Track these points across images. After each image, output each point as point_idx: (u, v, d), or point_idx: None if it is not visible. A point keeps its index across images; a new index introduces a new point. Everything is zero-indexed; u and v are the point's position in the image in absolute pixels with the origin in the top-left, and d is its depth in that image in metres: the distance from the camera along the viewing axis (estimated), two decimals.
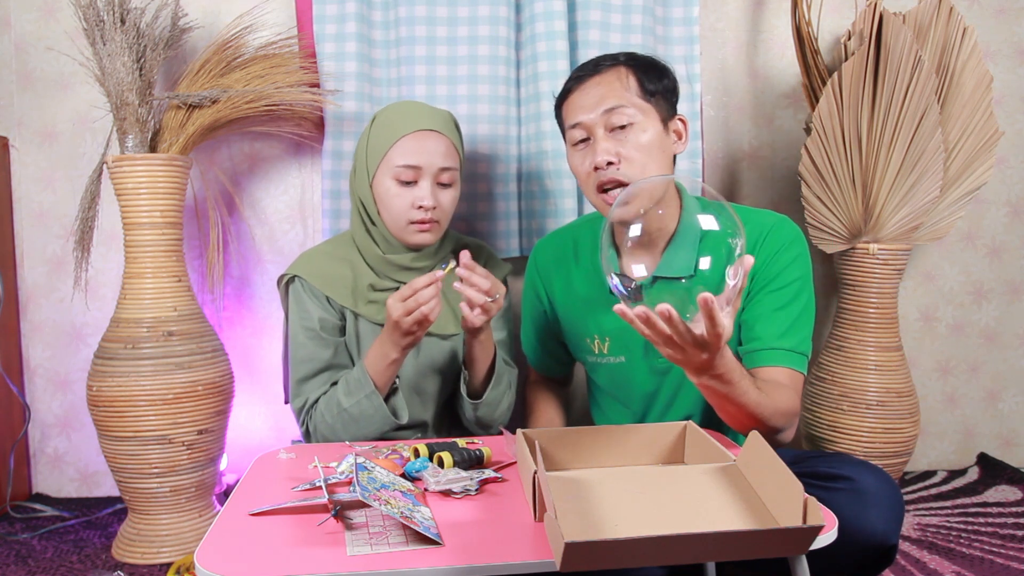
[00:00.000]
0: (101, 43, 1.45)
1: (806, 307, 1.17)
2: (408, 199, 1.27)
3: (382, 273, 1.34)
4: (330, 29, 1.66)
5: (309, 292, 1.31)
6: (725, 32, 1.86)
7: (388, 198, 1.28)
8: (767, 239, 1.18)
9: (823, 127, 1.58)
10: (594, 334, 1.30)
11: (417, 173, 1.27)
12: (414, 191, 1.27)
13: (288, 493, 0.91)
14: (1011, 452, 2.01)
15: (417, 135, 1.27)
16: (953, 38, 1.60)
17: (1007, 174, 1.94)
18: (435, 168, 1.27)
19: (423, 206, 1.26)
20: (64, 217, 1.76)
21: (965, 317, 1.98)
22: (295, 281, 1.33)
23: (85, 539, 1.57)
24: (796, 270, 1.17)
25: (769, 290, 1.17)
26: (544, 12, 1.65)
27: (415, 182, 1.27)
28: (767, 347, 1.14)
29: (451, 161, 1.30)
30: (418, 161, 1.26)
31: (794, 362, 1.14)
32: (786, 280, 1.16)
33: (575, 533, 0.72)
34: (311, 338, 1.29)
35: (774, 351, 1.14)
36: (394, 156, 1.27)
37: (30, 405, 1.77)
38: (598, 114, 1.16)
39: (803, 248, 1.20)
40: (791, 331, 1.15)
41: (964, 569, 1.39)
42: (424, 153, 1.27)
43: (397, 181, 1.27)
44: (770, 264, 1.17)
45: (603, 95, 1.17)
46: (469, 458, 0.98)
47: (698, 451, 0.96)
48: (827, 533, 0.75)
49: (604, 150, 1.15)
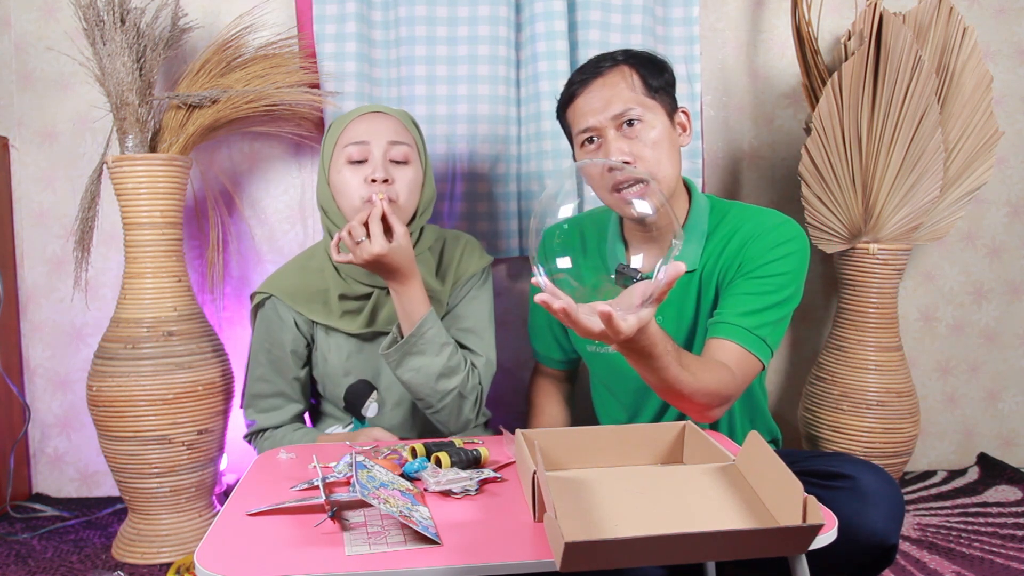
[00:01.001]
0: (101, 43, 1.45)
1: (783, 302, 1.16)
2: (360, 177, 1.23)
3: (352, 279, 1.30)
4: (330, 29, 1.66)
5: (278, 315, 1.31)
6: (725, 32, 1.86)
7: (342, 184, 1.24)
8: (765, 233, 1.19)
9: (823, 127, 1.58)
10: None
11: (365, 149, 1.23)
12: (364, 169, 1.23)
13: (287, 493, 0.91)
14: (1011, 452, 2.01)
15: (364, 116, 1.27)
16: (953, 38, 1.60)
17: (1007, 174, 1.94)
18: (383, 142, 1.24)
19: (375, 179, 1.21)
20: (64, 217, 1.76)
21: (965, 317, 1.98)
22: (265, 304, 1.33)
23: (85, 539, 1.57)
24: (784, 266, 1.17)
25: (750, 277, 1.17)
26: (544, 12, 1.65)
27: (365, 160, 1.24)
28: (724, 321, 1.14)
29: (402, 136, 1.26)
30: (365, 136, 1.24)
31: (748, 342, 1.12)
32: (770, 272, 1.16)
33: (575, 533, 0.72)
34: (271, 360, 1.33)
35: (729, 326, 1.13)
36: (343, 139, 1.25)
37: (30, 405, 1.77)
38: (607, 116, 1.17)
39: (799, 249, 1.19)
40: (755, 314, 1.13)
41: (964, 569, 1.39)
42: (371, 130, 1.25)
43: (348, 163, 1.24)
44: (760, 255, 1.17)
45: (610, 97, 1.17)
46: (466, 458, 0.98)
47: (697, 451, 0.96)
48: (827, 533, 0.75)
49: (618, 150, 1.15)
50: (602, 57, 1.23)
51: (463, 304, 1.36)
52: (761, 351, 1.13)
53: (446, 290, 1.34)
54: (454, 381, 1.24)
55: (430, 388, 1.23)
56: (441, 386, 1.24)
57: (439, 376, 1.23)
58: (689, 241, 1.21)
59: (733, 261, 1.20)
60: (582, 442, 0.97)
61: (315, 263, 1.36)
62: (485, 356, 1.33)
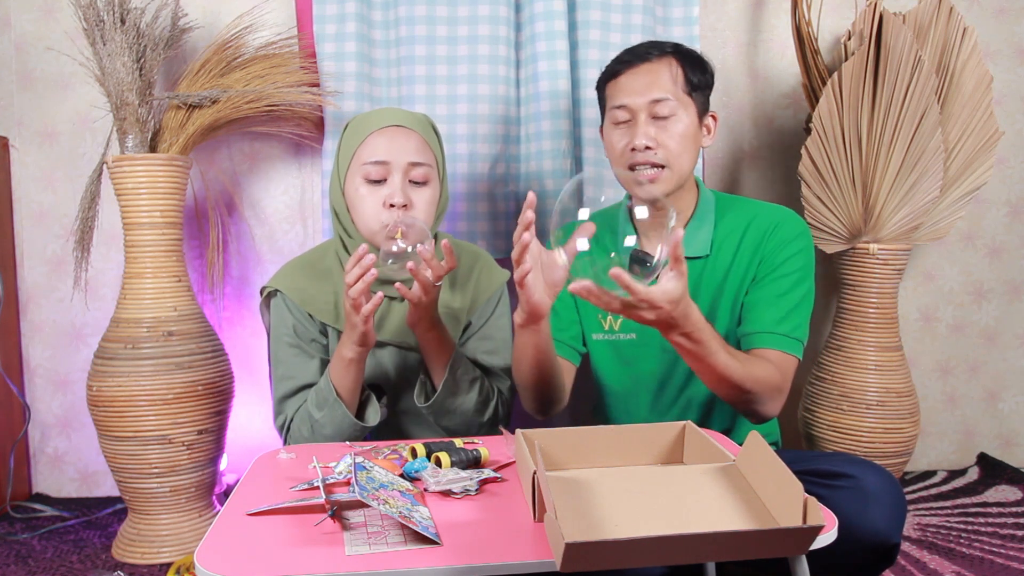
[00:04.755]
0: (101, 43, 1.45)
1: (805, 296, 1.24)
2: (378, 199, 1.21)
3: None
4: (330, 29, 1.66)
5: (290, 305, 1.28)
6: (725, 32, 1.86)
7: (357, 200, 1.22)
8: (778, 229, 1.26)
9: (823, 127, 1.58)
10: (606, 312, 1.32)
11: (385, 169, 1.21)
12: (383, 190, 1.21)
13: (287, 493, 0.91)
14: (1011, 452, 2.01)
15: (385, 131, 1.23)
16: (953, 38, 1.60)
17: (1007, 174, 1.94)
18: (404, 163, 1.21)
19: (393, 204, 1.20)
20: (64, 217, 1.76)
21: (965, 317, 1.98)
22: (276, 295, 1.29)
23: (85, 539, 1.57)
24: (799, 260, 1.24)
25: (772, 277, 1.24)
26: (544, 12, 1.65)
27: (384, 180, 1.22)
28: (763, 331, 1.22)
29: (423, 157, 1.24)
30: (386, 156, 1.21)
31: (787, 345, 1.20)
32: (789, 269, 1.24)
33: (575, 533, 0.72)
34: (293, 355, 1.27)
35: (770, 335, 1.21)
36: (362, 154, 1.22)
37: (30, 405, 1.78)
38: (645, 100, 1.23)
39: (808, 242, 1.27)
40: (788, 317, 1.21)
41: (964, 569, 1.39)
42: (392, 148, 1.21)
43: (366, 181, 1.22)
44: (776, 253, 1.25)
45: (651, 83, 1.23)
46: (466, 458, 0.98)
47: (697, 451, 0.96)
48: (827, 533, 0.74)
49: (644, 134, 1.22)
50: (652, 44, 1.28)
51: (488, 326, 1.35)
52: (798, 349, 1.22)
53: (464, 307, 1.33)
54: (486, 414, 1.28)
55: (466, 424, 1.26)
56: (475, 420, 1.27)
57: (474, 412, 1.26)
58: (699, 228, 1.29)
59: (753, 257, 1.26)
60: (582, 442, 0.97)
61: (324, 264, 1.33)
62: (510, 380, 1.33)
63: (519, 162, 1.75)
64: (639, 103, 1.23)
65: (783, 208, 1.30)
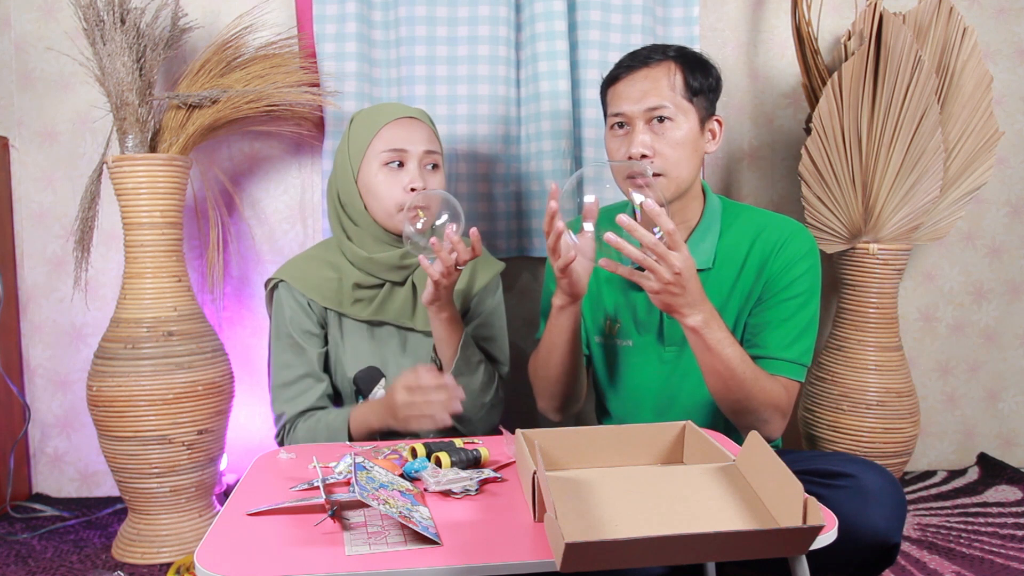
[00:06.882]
0: (101, 43, 1.45)
1: (812, 319, 1.22)
2: (398, 184, 1.27)
3: (369, 273, 1.33)
4: (330, 29, 1.66)
5: (292, 298, 1.32)
6: (725, 32, 1.86)
7: (376, 186, 1.28)
8: (784, 247, 1.23)
9: (823, 127, 1.58)
10: (609, 313, 1.33)
11: (404, 156, 1.28)
12: (402, 175, 1.28)
13: (287, 493, 0.91)
14: (1011, 452, 2.01)
15: (399, 122, 1.30)
16: (953, 38, 1.60)
17: (1007, 174, 1.94)
18: (420, 151, 1.29)
19: (415, 188, 1.26)
20: (64, 217, 1.76)
21: (965, 317, 1.98)
22: (279, 287, 1.34)
23: (85, 539, 1.57)
24: (806, 281, 1.22)
25: (780, 299, 1.22)
26: (544, 12, 1.65)
27: (402, 165, 1.28)
28: (769, 356, 1.20)
29: (435, 146, 1.32)
30: (404, 144, 1.28)
31: (792, 372, 1.20)
32: (796, 291, 1.21)
33: (575, 533, 0.72)
34: (291, 345, 1.32)
35: (776, 361, 1.20)
36: (378, 144, 1.28)
37: (30, 405, 1.77)
38: (640, 108, 1.21)
39: (815, 260, 1.24)
40: (795, 343, 1.20)
41: (964, 569, 1.39)
42: (408, 138, 1.29)
43: (384, 167, 1.28)
44: (783, 274, 1.22)
45: (648, 90, 1.21)
46: (466, 458, 0.98)
47: (697, 451, 0.96)
48: (827, 533, 0.74)
49: (641, 143, 1.19)
50: (654, 48, 1.25)
51: (485, 314, 1.39)
52: (802, 375, 1.21)
53: (462, 291, 1.38)
54: (488, 395, 1.32)
55: (472, 404, 1.27)
56: (479, 401, 1.30)
57: (480, 391, 1.30)
58: (703, 240, 1.26)
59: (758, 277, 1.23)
60: (582, 442, 0.97)
61: (328, 256, 1.37)
62: (507, 365, 1.40)
63: (519, 162, 1.75)
64: (635, 111, 1.21)
65: (791, 222, 1.27)
